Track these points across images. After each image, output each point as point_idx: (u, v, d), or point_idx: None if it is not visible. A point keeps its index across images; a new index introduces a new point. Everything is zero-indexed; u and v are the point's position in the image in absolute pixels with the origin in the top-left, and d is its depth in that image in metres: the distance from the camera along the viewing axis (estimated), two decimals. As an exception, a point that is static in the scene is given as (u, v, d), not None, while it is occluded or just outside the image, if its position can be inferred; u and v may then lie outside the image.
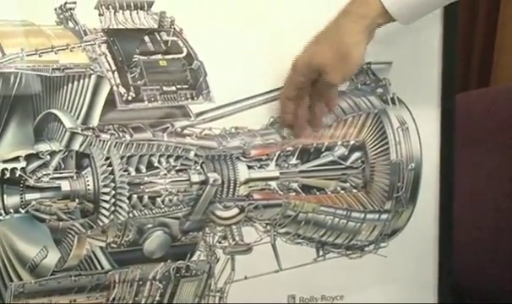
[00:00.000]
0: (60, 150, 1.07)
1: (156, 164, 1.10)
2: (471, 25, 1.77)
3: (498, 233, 1.38)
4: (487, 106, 1.43)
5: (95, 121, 1.07)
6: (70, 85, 1.07)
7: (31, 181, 1.05)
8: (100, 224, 1.09)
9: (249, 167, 1.15)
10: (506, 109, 1.42)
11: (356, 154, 1.19)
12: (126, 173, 1.09)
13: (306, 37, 1.11)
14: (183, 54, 1.11)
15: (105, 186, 1.08)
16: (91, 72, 1.07)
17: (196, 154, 1.12)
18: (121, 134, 1.08)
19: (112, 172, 1.08)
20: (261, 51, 1.13)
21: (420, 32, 1.17)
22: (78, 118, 1.07)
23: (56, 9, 1.05)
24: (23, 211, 1.06)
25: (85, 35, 1.07)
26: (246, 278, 1.17)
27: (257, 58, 1.13)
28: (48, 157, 1.06)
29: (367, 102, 1.19)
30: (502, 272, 1.37)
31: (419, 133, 1.20)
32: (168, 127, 1.11)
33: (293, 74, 1.08)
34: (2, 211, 1.05)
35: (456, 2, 1.08)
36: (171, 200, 1.11)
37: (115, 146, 1.08)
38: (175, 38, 1.10)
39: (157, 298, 1.15)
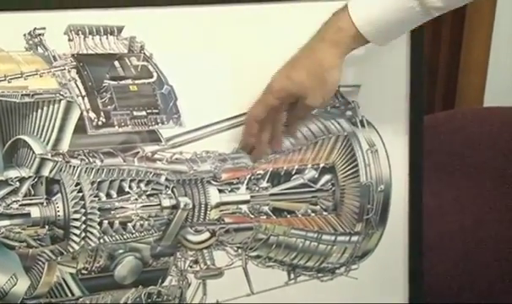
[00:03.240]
0: (30, 176, 1.06)
1: (127, 189, 1.10)
2: (435, 48, 1.79)
3: (465, 254, 1.39)
4: (454, 128, 1.45)
5: (64, 146, 1.07)
6: (40, 111, 1.06)
7: (0, 209, 1.04)
8: (71, 250, 1.08)
9: (220, 191, 1.15)
10: (472, 130, 1.43)
11: (327, 177, 1.20)
12: (96, 199, 1.08)
13: (276, 62, 1.12)
14: (153, 79, 1.11)
15: (75, 212, 1.07)
16: (61, 97, 1.07)
17: (167, 179, 1.12)
18: (91, 159, 1.08)
19: (83, 198, 1.07)
20: (231, 75, 1.13)
21: (387, 55, 1.18)
22: (47, 144, 1.07)
23: (25, 35, 1.05)
24: (-8, 238, 1.05)
25: (55, 60, 1.07)
26: (218, 302, 1.17)
27: (227, 83, 1.13)
28: (18, 183, 1.05)
29: (336, 125, 1.20)
30: (470, 291, 1.38)
31: (388, 154, 1.22)
32: (139, 152, 1.10)
33: (268, 97, 1.09)
34: (-29, 239, 1.04)
35: (421, 25, 1.10)
36: (142, 225, 1.11)
37: (85, 172, 1.08)
38: (145, 63, 1.10)
39: (129, 324, 1.14)
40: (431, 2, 1.01)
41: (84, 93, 1.07)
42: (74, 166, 1.07)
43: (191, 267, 1.15)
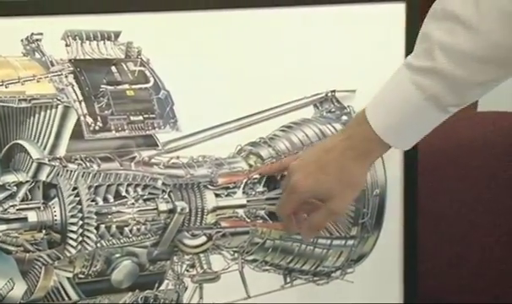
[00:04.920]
0: (27, 181, 1.06)
1: (124, 193, 1.10)
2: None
3: (460, 258, 1.39)
4: (448, 132, 1.45)
5: (62, 151, 1.07)
6: (37, 116, 1.06)
7: (-3, 213, 1.05)
8: (68, 254, 1.08)
9: (217, 195, 1.15)
10: (466, 135, 1.44)
11: (322, 181, 1.20)
12: (93, 203, 1.08)
13: (272, 68, 1.13)
14: (150, 84, 1.11)
15: (72, 216, 1.07)
16: (58, 102, 1.07)
17: (163, 183, 1.12)
18: (88, 164, 1.08)
19: (80, 202, 1.08)
20: (228, 80, 1.14)
21: (382, 60, 1.19)
22: (45, 149, 1.07)
23: (22, 40, 1.05)
24: (-11, 243, 1.05)
25: (52, 65, 1.07)
26: (214, 306, 1.18)
27: (223, 88, 1.14)
28: (15, 188, 1.05)
29: (332, 129, 1.20)
30: (465, 295, 1.38)
31: (383, 159, 1.22)
32: (135, 157, 1.11)
33: (294, 197, 1.09)
34: (-31, 243, 1.04)
35: (417, 30, 1.10)
36: (138, 229, 1.11)
37: (82, 176, 1.08)
38: (142, 68, 1.11)
39: (125, 328, 1.14)
40: (447, 101, 1.00)
41: (81, 98, 1.08)
42: (71, 171, 1.07)
43: (187, 271, 1.16)
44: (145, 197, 1.11)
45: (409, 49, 1.20)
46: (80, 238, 1.08)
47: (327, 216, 1.10)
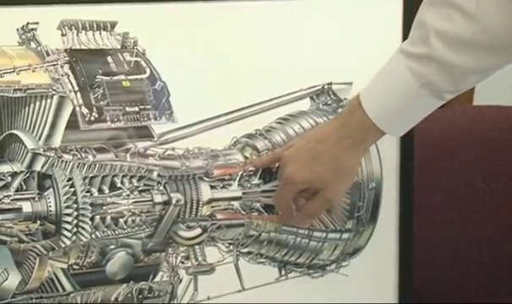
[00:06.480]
0: (21, 171, 1.06)
1: (119, 184, 1.10)
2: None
3: (455, 252, 1.39)
4: (444, 127, 1.46)
5: (57, 141, 1.07)
6: (32, 106, 1.06)
7: (-8, 203, 1.05)
8: (62, 245, 1.08)
9: (212, 187, 1.15)
10: (462, 129, 1.44)
11: (318, 174, 1.20)
12: (88, 194, 1.08)
13: (268, 60, 1.13)
14: (146, 74, 1.11)
15: (67, 207, 1.07)
16: (53, 92, 1.07)
17: (159, 175, 1.12)
18: (83, 155, 1.08)
19: (75, 193, 1.07)
20: (224, 72, 1.14)
21: (379, 53, 1.18)
22: (40, 139, 1.07)
23: (18, 30, 1.05)
24: (-17, 233, 1.05)
25: (48, 55, 1.07)
26: (209, 298, 1.17)
27: (220, 79, 1.14)
28: (9, 178, 1.05)
29: (328, 122, 1.20)
30: (460, 288, 1.39)
31: (379, 152, 1.22)
32: (131, 148, 1.11)
33: (290, 188, 1.09)
34: (-37, 233, 1.03)
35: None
36: (133, 221, 1.11)
37: (77, 167, 1.08)
38: (138, 58, 1.11)
39: (120, 320, 1.14)
40: (443, 87, 1.00)
41: (76, 88, 1.08)
42: (66, 161, 1.07)
43: (182, 263, 1.15)
44: (140, 188, 1.11)
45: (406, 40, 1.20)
46: (75, 229, 1.08)
47: (322, 204, 1.10)
